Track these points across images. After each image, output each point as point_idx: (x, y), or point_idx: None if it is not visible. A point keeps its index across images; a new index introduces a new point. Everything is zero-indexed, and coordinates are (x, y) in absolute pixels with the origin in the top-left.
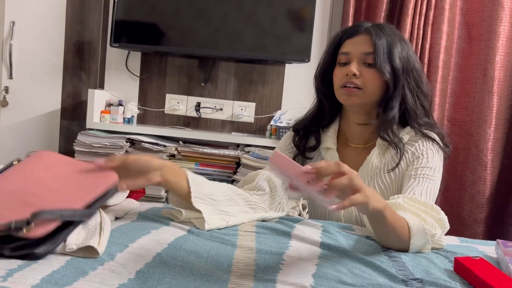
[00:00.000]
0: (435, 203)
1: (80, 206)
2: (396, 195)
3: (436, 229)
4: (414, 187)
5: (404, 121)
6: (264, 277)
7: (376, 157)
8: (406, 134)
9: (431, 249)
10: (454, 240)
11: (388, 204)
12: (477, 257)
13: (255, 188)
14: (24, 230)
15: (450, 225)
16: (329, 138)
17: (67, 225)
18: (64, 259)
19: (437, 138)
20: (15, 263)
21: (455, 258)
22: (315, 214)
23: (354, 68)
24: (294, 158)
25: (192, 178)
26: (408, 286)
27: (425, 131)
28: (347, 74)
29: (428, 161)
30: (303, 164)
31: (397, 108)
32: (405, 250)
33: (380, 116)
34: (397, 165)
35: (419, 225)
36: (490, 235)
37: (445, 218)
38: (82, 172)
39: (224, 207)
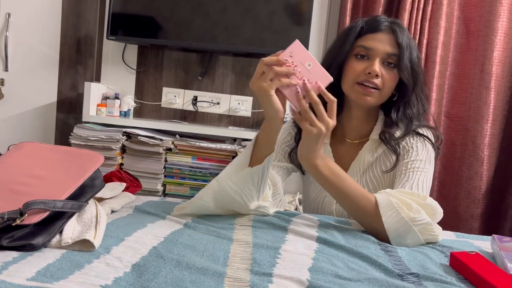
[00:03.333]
0: (430, 196)
1: (70, 190)
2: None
3: (420, 214)
4: (405, 182)
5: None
6: (260, 271)
7: (368, 152)
8: (398, 130)
9: (427, 243)
10: (450, 235)
11: (338, 171)
12: (472, 252)
13: None
14: (18, 220)
15: (446, 221)
16: None
17: (61, 215)
18: (59, 252)
19: (429, 136)
20: (10, 255)
21: (451, 253)
22: (309, 208)
23: (377, 68)
24: (291, 152)
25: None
26: (404, 281)
27: (417, 129)
28: (369, 73)
29: (418, 153)
30: (301, 163)
31: (413, 118)
32: (381, 229)
33: (392, 117)
34: (395, 165)
35: (387, 200)
36: (486, 231)
37: (433, 203)
38: (68, 156)
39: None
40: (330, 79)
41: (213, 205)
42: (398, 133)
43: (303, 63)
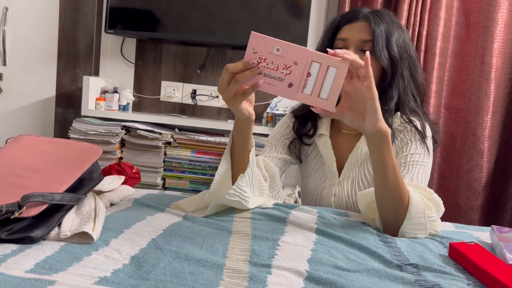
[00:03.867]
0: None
1: (68, 183)
2: None
3: (431, 210)
4: (405, 174)
5: (395, 107)
6: (259, 262)
7: (366, 144)
8: (396, 120)
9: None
10: (449, 226)
11: (389, 145)
12: (471, 242)
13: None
14: (16, 213)
15: (446, 213)
16: (323, 125)
17: (60, 208)
18: (58, 244)
19: (427, 130)
20: (9, 248)
21: (450, 244)
22: (307, 200)
23: None
24: (290, 144)
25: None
26: (403, 271)
27: (412, 118)
28: None
29: (417, 147)
30: (299, 152)
31: (394, 97)
32: (400, 219)
33: None
34: None
35: (418, 198)
36: (486, 223)
37: (438, 199)
38: (66, 148)
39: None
40: (307, 51)
41: (209, 212)
42: (388, 117)
43: (271, 52)
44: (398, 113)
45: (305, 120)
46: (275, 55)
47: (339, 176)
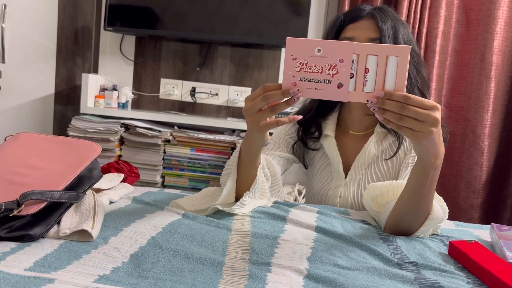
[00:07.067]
0: None
1: (67, 181)
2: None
3: (443, 219)
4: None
5: None
6: (259, 260)
7: (373, 145)
8: None
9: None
10: (449, 224)
11: (438, 168)
12: (471, 240)
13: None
14: (15, 211)
15: None
16: (329, 126)
17: (59, 206)
18: (57, 242)
19: None
20: (8, 246)
21: (450, 242)
22: (312, 200)
23: None
24: (294, 144)
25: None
26: (403, 270)
27: None
28: None
29: None
30: (303, 155)
31: None
32: (413, 229)
33: None
34: (395, 153)
35: (439, 214)
36: (485, 221)
37: (445, 206)
38: (65, 146)
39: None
40: (351, 44)
41: (209, 213)
42: None
43: (312, 54)
44: None
45: (308, 125)
46: (316, 56)
47: (345, 177)
